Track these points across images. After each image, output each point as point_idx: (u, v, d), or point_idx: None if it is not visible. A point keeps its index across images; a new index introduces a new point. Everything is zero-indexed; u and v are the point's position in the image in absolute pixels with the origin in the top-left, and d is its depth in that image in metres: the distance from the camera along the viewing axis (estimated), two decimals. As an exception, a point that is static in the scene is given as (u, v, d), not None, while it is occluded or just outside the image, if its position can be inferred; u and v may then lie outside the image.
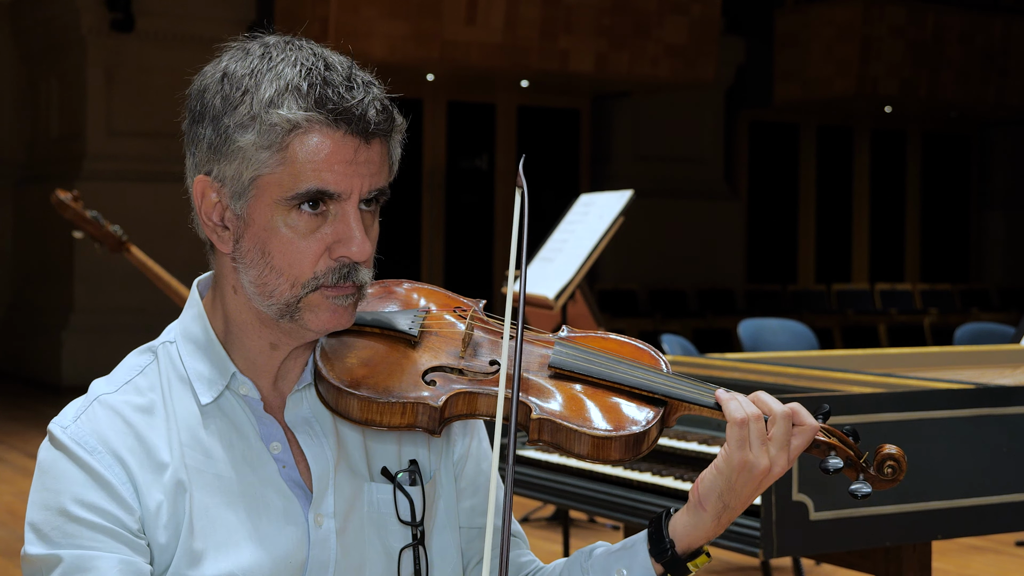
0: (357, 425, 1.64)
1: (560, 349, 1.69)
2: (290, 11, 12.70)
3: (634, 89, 15.16)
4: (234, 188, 1.58)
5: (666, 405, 1.66)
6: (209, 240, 1.64)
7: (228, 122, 1.56)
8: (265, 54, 1.59)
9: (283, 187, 1.56)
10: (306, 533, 1.63)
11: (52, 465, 1.59)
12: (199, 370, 1.64)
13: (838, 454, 1.65)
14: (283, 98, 1.55)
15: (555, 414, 1.62)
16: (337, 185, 1.56)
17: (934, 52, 16.06)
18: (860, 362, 3.97)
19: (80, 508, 1.56)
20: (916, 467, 2.87)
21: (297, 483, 1.65)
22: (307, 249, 1.57)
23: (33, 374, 13.56)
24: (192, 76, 1.63)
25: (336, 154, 1.56)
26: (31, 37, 13.99)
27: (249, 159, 1.56)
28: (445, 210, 14.95)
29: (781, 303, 16.06)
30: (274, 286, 1.58)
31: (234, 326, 1.65)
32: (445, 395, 1.61)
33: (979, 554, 6.50)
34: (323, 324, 1.60)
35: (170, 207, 12.89)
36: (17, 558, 4.64)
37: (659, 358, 1.73)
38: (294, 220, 1.57)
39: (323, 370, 1.63)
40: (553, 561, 1.82)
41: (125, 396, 1.63)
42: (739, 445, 1.61)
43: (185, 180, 1.66)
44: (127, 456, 1.59)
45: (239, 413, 1.65)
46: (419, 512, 1.69)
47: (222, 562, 1.58)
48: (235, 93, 1.57)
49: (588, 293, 6.29)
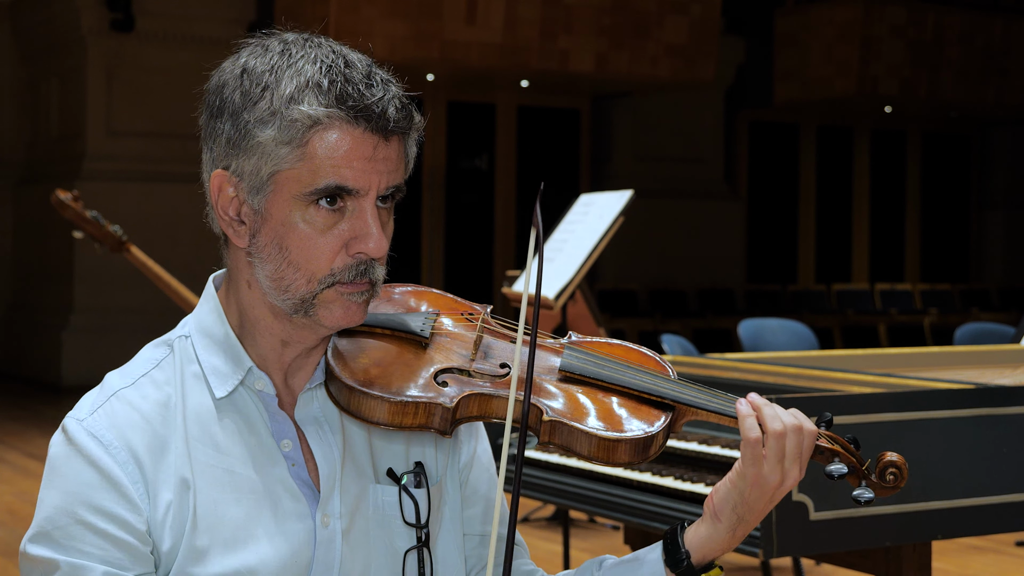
0: (369, 425, 1.64)
1: (570, 353, 1.70)
2: (290, 11, 12.70)
3: (634, 89, 15.16)
4: (252, 183, 1.58)
5: (674, 410, 1.67)
6: (224, 234, 1.64)
7: (248, 117, 1.57)
8: (285, 51, 1.59)
9: (302, 182, 1.56)
10: (312, 533, 1.63)
11: (64, 463, 1.59)
12: (214, 364, 1.64)
13: (841, 460, 1.66)
14: (303, 94, 1.56)
15: (566, 416, 1.63)
16: (356, 181, 1.57)
17: (934, 52, 16.06)
18: (860, 362, 3.97)
19: (87, 512, 1.55)
20: (916, 467, 2.87)
21: (305, 482, 1.65)
22: (324, 245, 1.58)
23: (33, 374, 13.56)
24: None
25: (355, 151, 1.56)
26: (31, 37, 13.99)
27: (268, 154, 1.56)
28: (445, 210, 14.96)
29: (781, 303, 16.05)
30: (290, 281, 1.59)
31: (247, 321, 1.65)
32: (457, 396, 1.62)
33: (979, 554, 6.50)
34: (336, 320, 1.61)
35: (170, 207, 12.92)
36: (17, 558, 4.61)
37: (665, 365, 1.74)
38: (312, 215, 1.57)
39: (336, 369, 1.64)
40: (558, 573, 1.83)
41: (142, 391, 1.63)
42: (753, 462, 1.61)
43: (201, 175, 1.67)
44: (143, 454, 1.59)
45: (252, 408, 1.65)
46: (424, 514, 1.69)
47: (228, 559, 1.58)
48: (255, 89, 1.57)
49: (588, 293, 6.29)
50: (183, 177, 12.90)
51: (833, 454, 1.66)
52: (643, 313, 14.66)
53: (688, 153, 16.62)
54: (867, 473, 1.66)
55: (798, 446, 1.62)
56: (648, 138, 16.28)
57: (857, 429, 2.82)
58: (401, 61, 12.43)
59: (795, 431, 1.62)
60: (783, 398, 2.76)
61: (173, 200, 12.87)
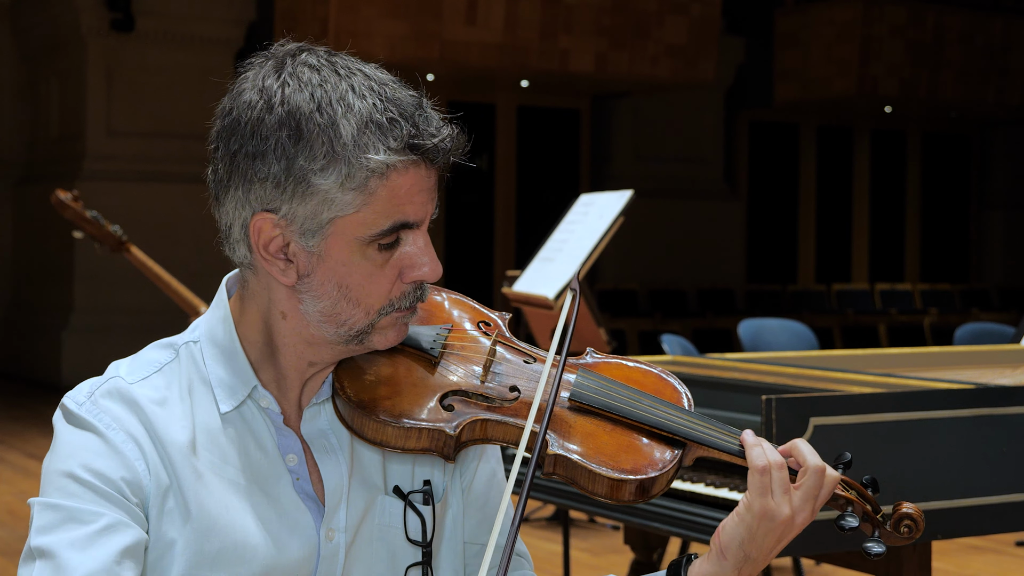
0: (371, 445, 1.63)
1: (582, 381, 1.66)
2: (290, 11, 12.69)
3: (634, 89, 15.16)
4: (307, 226, 1.54)
5: (685, 447, 1.63)
6: (251, 263, 1.60)
7: (303, 164, 1.52)
8: (324, 82, 1.54)
9: (367, 225, 1.54)
10: (316, 547, 1.62)
11: (66, 434, 1.57)
12: (221, 376, 1.62)
13: (855, 510, 1.62)
14: (366, 137, 1.52)
15: (572, 451, 1.60)
16: (416, 215, 1.57)
17: (934, 52, 16.06)
18: (860, 362, 3.97)
19: (87, 473, 1.54)
20: (916, 467, 2.87)
21: (310, 496, 1.64)
22: (383, 279, 1.57)
23: (33, 374, 13.56)
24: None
25: (416, 186, 1.56)
26: (31, 37, 13.99)
27: (331, 201, 1.53)
28: (445, 210, 14.96)
29: (781, 303, 16.05)
30: (347, 316, 1.58)
31: (272, 346, 1.63)
32: (462, 422, 1.59)
33: (979, 554, 6.50)
34: (389, 342, 1.61)
35: (170, 207, 12.92)
36: (17, 557, 4.62)
37: (681, 391, 1.70)
38: (372, 254, 1.56)
39: (341, 386, 1.62)
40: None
41: (141, 389, 1.61)
42: (760, 492, 1.58)
43: (217, 201, 1.60)
44: (142, 439, 1.57)
45: (259, 423, 1.63)
46: (430, 533, 1.68)
47: (229, 572, 1.57)
48: (307, 130, 1.51)
49: (588, 293, 6.29)
50: (183, 177, 12.93)
51: (848, 502, 1.62)
52: (643, 313, 14.66)
53: (688, 153, 16.62)
54: (881, 522, 1.63)
55: (816, 487, 1.59)
56: (648, 138, 16.28)
57: (857, 429, 2.82)
58: (401, 61, 12.43)
59: (817, 472, 1.59)
60: (783, 398, 2.76)
61: (173, 200, 12.87)
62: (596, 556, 6.24)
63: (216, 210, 1.61)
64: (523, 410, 1.62)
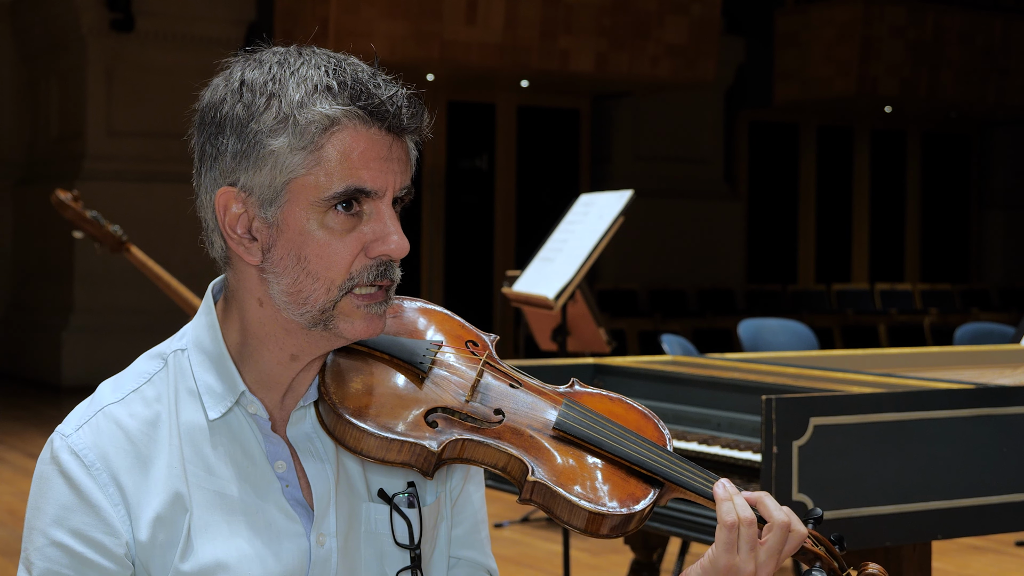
0: (350, 454, 1.62)
1: (566, 411, 1.65)
2: (290, 11, 12.70)
3: (634, 89, 15.16)
4: (264, 195, 1.55)
5: (663, 486, 1.64)
6: (225, 256, 1.61)
7: (255, 127, 1.53)
8: (282, 61, 1.57)
9: (319, 188, 1.53)
10: (307, 552, 1.62)
11: (46, 482, 1.58)
12: (208, 383, 1.61)
13: (823, 565, 1.64)
14: (314, 97, 1.53)
15: (552, 480, 1.59)
16: (374, 183, 1.55)
17: (934, 52, 16.06)
18: (860, 362, 3.97)
19: (62, 533, 1.55)
20: (916, 467, 2.87)
21: (299, 502, 1.63)
22: (343, 250, 1.55)
23: (33, 374, 13.55)
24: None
25: (371, 151, 1.54)
26: (31, 37, 13.99)
27: (282, 163, 1.53)
28: (445, 210, 14.95)
29: (781, 303, 16.05)
30: (309, 292, 1.56)
31: (253, 339, 1.61)
32: (444, 441, 1.58)
33: (979, 554, 6.50)
34: (358, 332, 1.58)
35: (170, 207, 12.92)
36: (17, 557, 4.63)
37: (663, 431, 1.71)
38: (330, 221, 1.54)
39: (326, 391, 1.61)
40: None
41: (130, 407, 1.61)
42: (727, 548, 1.59)
43: (197, 196, 1.62)
44: (125, 477, 1.57)
45: (247, 430, 1.62)
46: (416, 535, 1.66)
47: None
48: (259, 99, 1.54)
49: (588, 293, 6.29)
50: (183, 177, 12.86)
51: (816, 557, 1.64)
52: (643, 313, 14.66)
53: (688, 153, 16.62)
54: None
55: (780, 543, 1.60)
56: (648, 138, 16.28)
57: (857, 429, 2.82)
58: (401, 61, 12.43)
59: (782, 528, 1.60)
60: (783, 398, 2.76)
61: (173, 200, 12.86)
62: (596, 556, 6.24)
63: (197, 207, 1.63)
64: (506, 434, 1.61)
